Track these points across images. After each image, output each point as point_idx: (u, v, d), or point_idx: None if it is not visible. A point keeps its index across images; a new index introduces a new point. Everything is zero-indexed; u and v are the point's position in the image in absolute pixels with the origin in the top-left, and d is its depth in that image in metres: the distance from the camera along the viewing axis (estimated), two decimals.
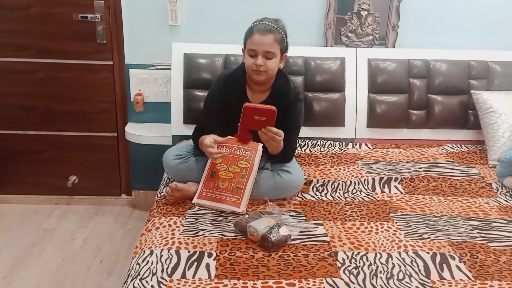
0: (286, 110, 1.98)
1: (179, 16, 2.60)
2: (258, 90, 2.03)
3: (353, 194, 2.04)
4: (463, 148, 2.56)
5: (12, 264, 2.33)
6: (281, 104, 1.97)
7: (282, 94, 2.00)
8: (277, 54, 1.92)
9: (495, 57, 2.63)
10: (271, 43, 1.89)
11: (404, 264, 1.53)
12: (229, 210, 1.83)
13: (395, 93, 2.59)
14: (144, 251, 1.55)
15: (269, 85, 2.02)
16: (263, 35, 1.88)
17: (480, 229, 1.76)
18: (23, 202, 2.91)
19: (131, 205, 2.97)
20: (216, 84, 2.07)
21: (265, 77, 1.94)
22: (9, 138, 2.82)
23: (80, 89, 2.74)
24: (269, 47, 1.89)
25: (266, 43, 1.88)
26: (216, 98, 2.05)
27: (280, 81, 2.02)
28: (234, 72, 2.07)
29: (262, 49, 1.88)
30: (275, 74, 1.98)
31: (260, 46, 1.88)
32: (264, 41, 1.88)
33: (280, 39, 1.92)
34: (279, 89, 2.01)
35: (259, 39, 1.88)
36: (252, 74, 1.94)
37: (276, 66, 1.94)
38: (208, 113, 2.09)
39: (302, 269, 1.48)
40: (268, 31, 1.89)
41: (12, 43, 2.65)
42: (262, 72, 1.91)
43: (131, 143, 2.78)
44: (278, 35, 1.91)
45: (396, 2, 2.60)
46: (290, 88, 2.02)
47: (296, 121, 2.05)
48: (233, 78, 2.04)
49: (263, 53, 1.89)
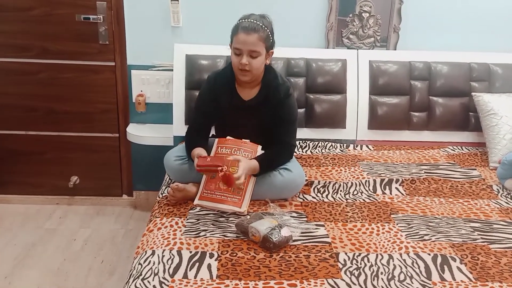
0: (276, 106, 2.00)
1: (181, 17, 2.60)
2: (247, 86, 2.05)
3: (354, 195, 2.05)
4: (464, 150, 2.57)
5: (14, 264, 2.33)
6: (271, 99, 1.99)
7: (272, 89, 2.02)
8: (262, 52, 1.93)
9: (496, 59, 2.63)
10: (255, 42, 1.89)
11: (405, 265, 1.53)
12: (231, 210, 1.83)
13: (396, 95, 2.59)
14: (146, 252, 1.56)
15: (258, 81, 2.04)
16: (247, 35, 1.88)
17: (481, 231, 1.77)
18: (24, 202, 2.91)
19: (132, 205, 2.97)
20: (206, 83, 2.09)
21: (249, 77, 1.95)
22: (11, 139, 2.83)
23: (82, 90, 2.75)
24: (253, 47, 1.89)
25: (250, 42, 1.89)
26: (207, 97, 2.06)
27: (268, 76, 2.03)
28: (223, 70, 2.10)
29: (247, 48, 1.89)
30: (261, 72, 2.00)
31: (245, 45, 1.89)
32: (248, 40, 1.89)
33: (265, 37, 1.92)
34: (268, 84, 2.02)
35: (243, 38, 1.89)
36: (238, 73, 1.96)
37: (261, 64, 1.95)
38: (198, 112, 2.11)
39: (304, 270, 1.48)
40: (252, 30, 1.89)
41: (14, 44, 2.66)
42: (247, 73, 1.93)
43: (132, 144, 2.79)
44: (263, 33, 1.91)
45: (397, 4, 2.61)
46: (279, 83, 2.02)
47: (289, 116, 2.04)
48: (222, 76, 2.06)
49: (247, 52, 1.90)
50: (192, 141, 2.03)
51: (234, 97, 2.04)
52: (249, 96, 2.04)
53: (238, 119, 2.06)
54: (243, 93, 2.05)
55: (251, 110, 2.04)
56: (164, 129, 2.69)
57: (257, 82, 2.04)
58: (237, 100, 2.04)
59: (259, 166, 1.90)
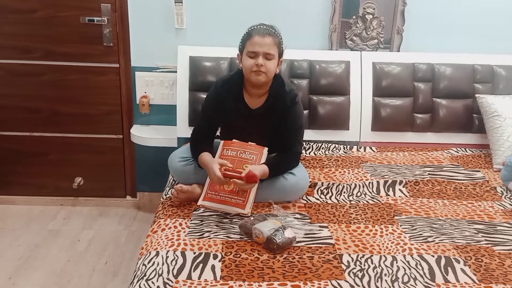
0: (282, 114, 2.00)
1: (185, 19, 2.61)
2: (255, 95, 2.04)
3: (357, 197, 2.05)
4: (467, 152, 2.56)
5: (18, 264, 2.34)
6: (277, 108, 1.99)
7: (279, 98, 2.01)
8: (275, 57, 1.95)
9: (500, 61, 2.64)
10: (271, 44, 1.92)
11: (409, 267, 1.53)
12: (234, 212, 1.84)
13: (400, 96, 2.59)
14: (150, 252, 1.56)
15: (266, 89, 2.03)
16: (263, 37, 1.91)
17: (485, 232, 1.77)
18: (28, 203, 2.92)
19: (136, 207, 2.98)
20: (213, 88, 2.09)
21: (264, 79, 1.95)
22: (15, 140, 2.84)
23: (86, 92, 2.75)
24: (269, 49, 1.91)
25: (266, 44, 1.91)
26: (213, 102, 2.06)
27: (275, 85, 2.03)
28: (231, 77, 2.08)
29: (262, 50, 1.91)
30: (271, 78, 1.99)
31: (261, 47, 1.91)
32: (264, 42, 1.91)
33: (278, 42, 1.95)
34: (275, 93, 2.02)
35: (259, 40, 1.91)
36: (251, 76, 1.95)
37: (274, 68, 1.96)
38: (204, 117, 2.11)
39: (307, 271, 1.49)
40: (267, 34, 1.93)
41: (18, 45, 2.67)
42: (262, 73, 1.92)
43: (136, 145, 2.80)
44: (276, 38, 1.95)
45: (401, 6, 2.61)
46: (286, 91, 2.02)
47: (295, 124, 2.05)
48: (230, 83, 2.05)
49: (263, 54, 1.91)
50: (197, 143, 2.04)
51: (241, 104, 2.03)
52: (256, 105, 2.04)
53: (244, 127, 2.05)
54: (250, 101, 2.04)
55: (257, 118, 2.04)
56: (167, 130, 2.70)
57: (265, 90, 2.03)
58: (243, 108, 2.04)
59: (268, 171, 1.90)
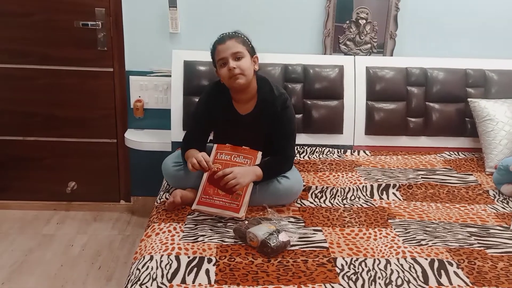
0: (274, 119, 2.00)
1: (179, 23, 2.62)
2: (243, 100, 2.04)
3: (351, 200, 2.06)
4: (460, 156, 2.58)
5: (11, 269, 2.33)
6: (268, 112, 2.00)
7: (268, 103, 2.01)
8: (245, 53, 1.95)
9: (492, 66, 2.66)
10: (234, 44, 1.94)
11: (402, 270, 1.54)
12: (229, 216, 1.84)
13: (393, 100, 2.61)
14: (144, 257, 1.56)
15: (253, 93, 2.03)
16: (224, 43, 1.95)
17: (478, 235, 1.78)
18: (22, 208, 2.91)
19: (129, 211, 2.97)
20: (204, 93, 2.11)
21: (244, 80, 1.94)
22: (9, 144, 2.84)
23: (81, 96, 2.75)
24: (234, 49, 1.93)
25: (229, 47, 1.93)
26: (203, 106, 2.08)
27: (264, 89, 2.03)
28: (223, 84, 2.04)
29: (229, 53, 1.93)
30: (252, 75, 1.99)
31: (225, 51, 1.93)
32: (227, 46, 1.94)
33: (241, 40, 1.97)
34: (264, 97, 2.02)
35: (222, 47, 1.95)
36: (231, 82, 1.95)
37: (249, 65, 1.95)
38: (195, 120, 2.12)
39: (301, 274, 1.49)
40: (227, 38, 1.96)
41: (13, 49, 2.67)
42: (239, 75, 1.92)
43: (130, 149, 2.79)
44: (238, 38, 1.97)
45: (394, 11, 2.63)
46: (275, 96, 2.02)
47: (288, 128, 2.05)
48: (219, 91, 2.05)
49: (231, 56, 1.92)
50: (189, 148, 2.04)
51: (231, 111, 2.04)
52: (246, 111, 2.04)
53: (236, 132, 2.05)
54: (239, 107, 2.04)
55: (249, 123, 2.04)
56: (162, 134, 2.70)
57: (251, 94, 2.03)
58: (234, 114, 2.04)
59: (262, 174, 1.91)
